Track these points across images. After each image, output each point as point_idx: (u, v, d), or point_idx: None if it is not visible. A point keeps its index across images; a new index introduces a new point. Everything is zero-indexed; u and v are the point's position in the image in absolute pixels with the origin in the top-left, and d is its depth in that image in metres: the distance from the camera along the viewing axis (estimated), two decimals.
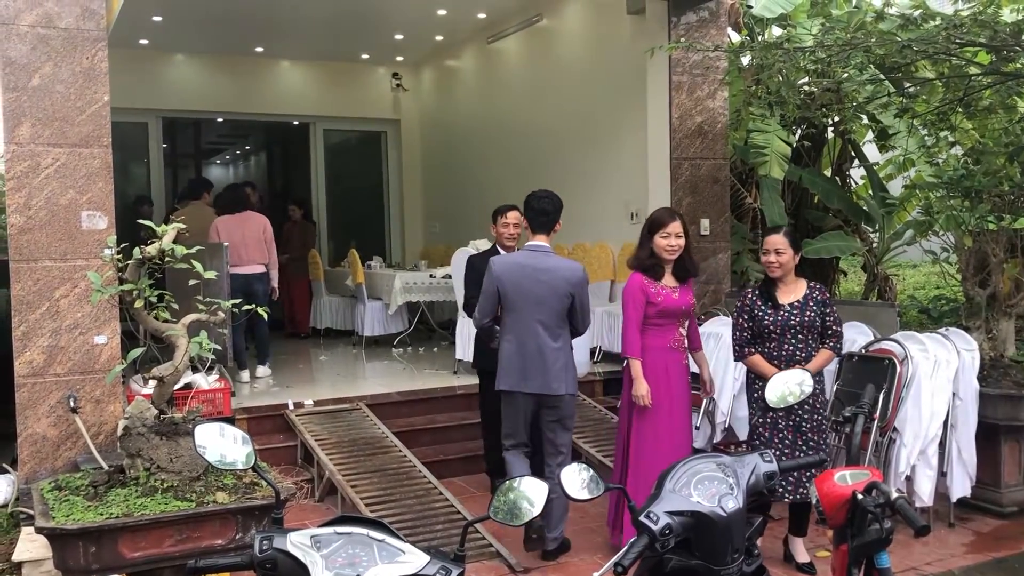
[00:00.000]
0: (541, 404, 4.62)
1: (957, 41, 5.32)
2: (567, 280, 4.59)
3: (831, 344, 4.48)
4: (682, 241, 4.56)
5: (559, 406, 4.61)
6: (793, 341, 4.43)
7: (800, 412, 4.38)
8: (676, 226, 4.56)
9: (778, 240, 4.47)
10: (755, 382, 4.51)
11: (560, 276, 4.59)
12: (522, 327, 4.61)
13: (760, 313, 4.46)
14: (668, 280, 4.60)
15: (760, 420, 4.48)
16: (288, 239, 10.41)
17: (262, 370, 7.69)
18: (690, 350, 4.77)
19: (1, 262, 5.69)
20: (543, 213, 4.73)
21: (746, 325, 4.51)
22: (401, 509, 5.13)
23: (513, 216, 5.51)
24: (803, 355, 4.42)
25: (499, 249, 5.48)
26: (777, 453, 4.27)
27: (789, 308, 4.44)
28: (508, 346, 4.66)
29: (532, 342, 4.59)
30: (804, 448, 4.41)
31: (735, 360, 4.62)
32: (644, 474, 4.45)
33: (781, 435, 4.42)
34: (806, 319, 4.41)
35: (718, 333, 6.04)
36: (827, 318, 4.47)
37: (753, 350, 4.48)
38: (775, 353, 4.44)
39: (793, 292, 4.49)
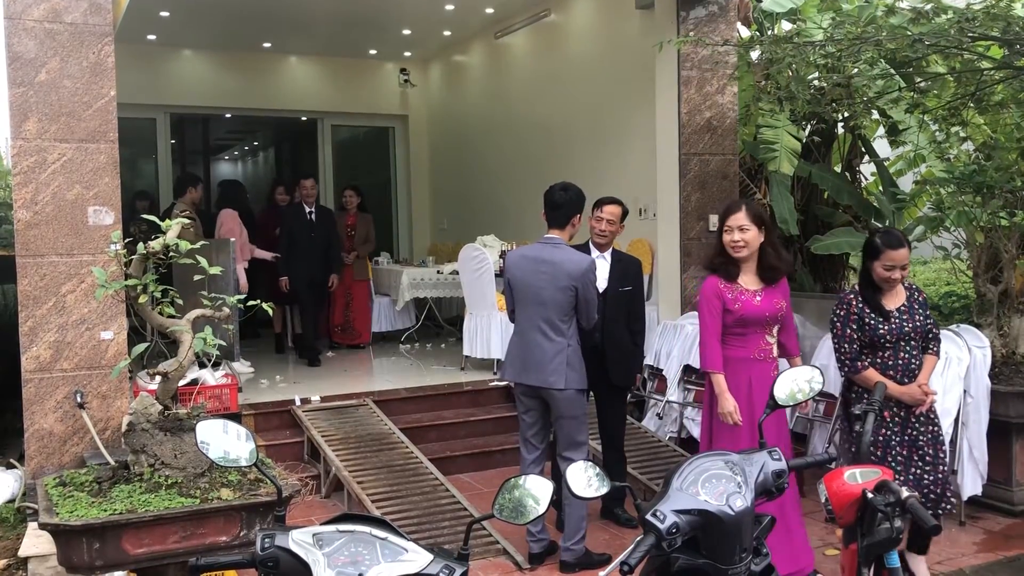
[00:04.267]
0: (544, 398, 4.55)
1: (969, 35, 5.26)
2: (568, 273, 4.44)
3: (935, 348, 4.09)
4: (748, 235, 4.07)
5: (562, 401, 4.50)
6: (908, 349, 3.99)
7: (916, 425, 3.98)
8: (739, 218, 4.09)
9: (905, 255, 3.95)
10: (863, 397, 3.99)
11: (561, 268, 4.46)
12: (525, 319, 4.58)
13: (872, 322, 3.97)
14: (748, 281, 4.15)
15: (871, 439, 3.91)
16: (352, 234, 9.37)
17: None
18: (786, 356, 4.34)
19: (8, 257, 5.69)
20: (554, 206, 4.61)
21: (855, 336, 3.99)
22: (407, 506, 5.12)
23: (609, 211, 5.04)
24: (917, 363, 4.01)
25: (590, 245, 5.09)
26: (901, 479, 3.83)
27: (898, 314, 4.00)
28: (513, 337, 4.70)
29: (533, 335, 4.53)
30: (920, 464, 3.98)
31: (844, 375, 4.07)
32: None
33: (895, 452, 3.98)
34: (917, 324, 4.00)
35: None
36: (927, 320, 4.07)
37: (866, 363, 3.99)
38: (890, 363, 3.97)
39: (896, 296, 4.03)
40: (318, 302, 8.64)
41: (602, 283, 4.94)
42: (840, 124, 8.32)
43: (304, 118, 12.28)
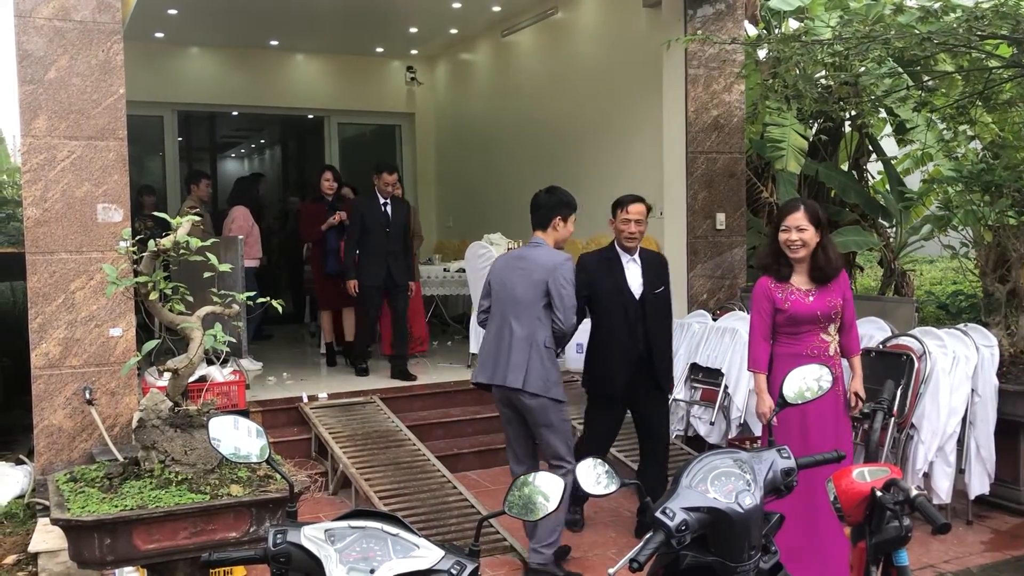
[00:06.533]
0: (514, 402, 4.35)
1: (978, 33, 5.25)
2: (541, 266, 4.30)
3: None
4: (806, 235, 3.95)
5: (531, 407, 4.29)
6: None
7: None
8: (798, 217, 3.96)
9: None
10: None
11: (534, 263, 4.34)
12: (498, 317, 4.44)
13: None
14: (800, 281, 4.02)
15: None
16: None
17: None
18: (845, 355, 4.17)
19: (17, 254, 5.71)
20: (534, 208, 4.51)
21: None
22: (415, 503, 5.13)
23: (636, 210, 4.78)
24: None
25: (616, 248, 4.85)
26: None
27: None
28: (486, 337, 4.55)
29: (504, 332, 4.38)
30: None
31: None
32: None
33: None
34: None
35: (733, 328, 6.02)
36: None
37: None
38: None
39: None
40: (403, 307, 7.41)
41: (636, 288, 4.77)
42: (847, 122, 8.31)
43: (311, 116, 12.28)
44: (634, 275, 4.79)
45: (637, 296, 4.76)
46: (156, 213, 3.74)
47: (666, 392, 4.95)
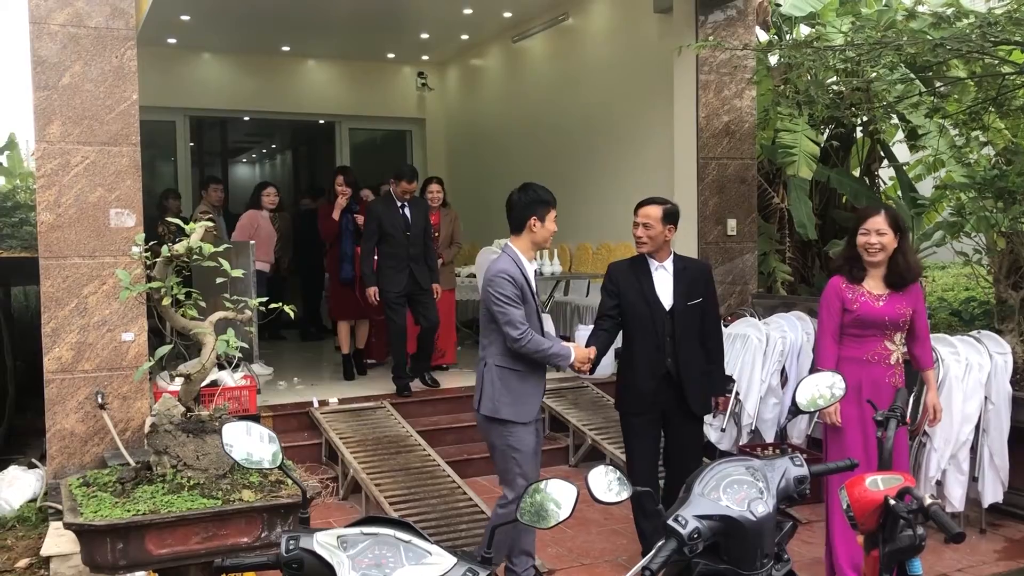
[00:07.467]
0: None
1: (991, 39, 5.23)
2: (483, 284, 4.04)
3: None
4: (885, 239, 3.93)
5: (478, 424, 4.17)
6: None
7: None
8: (878, 221, 3.94)
9: None
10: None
11: (483, 280, 4.07)
12: None
13: None
14: (873, 285, 4.00)
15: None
16: (436, 235, 7.62)
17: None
18: (918, 368, 4.13)
19: (31, 259, 5.75)
20: (507, 210, 4.13)
21: None
22: (425, 508, 5.13)
23: (643, 213, 4.35)
24: None
25: (646, 255, 4.42)
26: None
27: None
28: None
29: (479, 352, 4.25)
30: None
31: None
32: (833, 501, 3.99)
33: None
34: None
35: (744, 334, 6.00)
36: None
37: None
38: None
39: None
40: (432, 317, 7.01)
41: (667, 299, 4.34)
42: (859, 128, 8.29)
43: (322, 121, 12.34)
44: (663, 284, 4.36)
45: (667, 307, 4.33)
46: (171, 219, 3.76)
47: (693, 415, 4.44)
